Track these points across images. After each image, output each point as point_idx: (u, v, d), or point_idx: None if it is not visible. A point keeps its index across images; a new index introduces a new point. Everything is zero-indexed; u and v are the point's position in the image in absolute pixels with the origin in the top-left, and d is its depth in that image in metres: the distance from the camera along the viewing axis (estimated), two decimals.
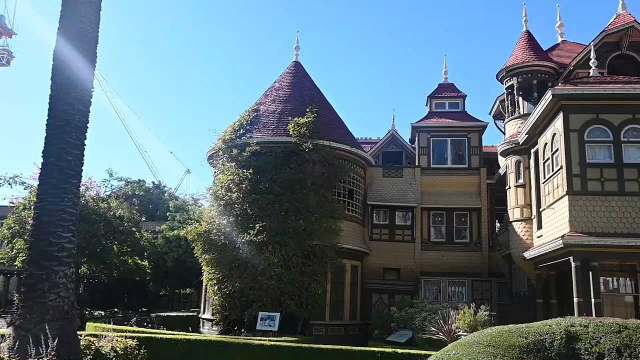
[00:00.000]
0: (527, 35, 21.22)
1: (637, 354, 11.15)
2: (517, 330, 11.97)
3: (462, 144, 26.17)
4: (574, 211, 14.49)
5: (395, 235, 25.30)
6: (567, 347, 11.52)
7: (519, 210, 19.49)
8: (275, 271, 19.73)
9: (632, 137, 14.79)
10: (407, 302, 20.84)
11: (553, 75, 20.19)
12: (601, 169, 14.70)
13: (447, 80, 28.88)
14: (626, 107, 14.85)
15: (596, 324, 11.91)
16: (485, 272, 24.48)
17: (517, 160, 19.85)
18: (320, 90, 26.47)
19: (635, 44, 19.36)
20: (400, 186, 25.57)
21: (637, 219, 14.26)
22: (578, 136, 14.98)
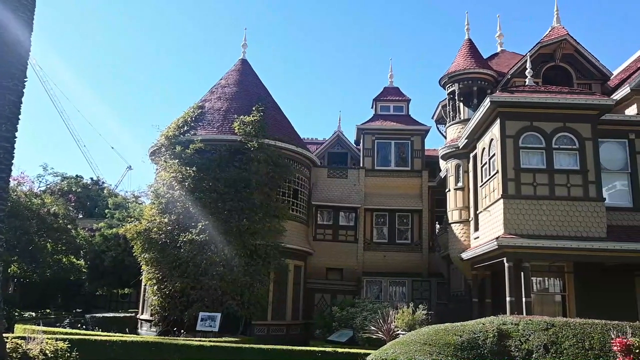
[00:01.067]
0: (468, 44, 21.93)
1: (563, 350, 11.77)
2: (453, 329, 12.37)
3: (406, 147, 26.77)
4: (508, 214, 15.11)
5: (339, 235, 25.57)
6: (499, 344, 12.01)
7: (458, 213, 20.13)
8: (218, 271, 19.48)
9: (563, 144, 15.57)
10: (349, 302, 21.09)
11: (492, 82, 20.98)
12: (534, 174, 15.40)
13: (392, 84, 29.45)
14: (558, 116, 15.62)
15: (526, 322, 12.50)
16: (425, 272, 25.14)
17: (457, 163, 20.49)
18: (267, 89, 26.37)
19: (568, 56, 20.42)
20: (345, 187, 25.86)
21: (566, 222, 15.02)
22: (513, 142, 15.62)
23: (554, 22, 21.27)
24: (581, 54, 20.31)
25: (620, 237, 14.86)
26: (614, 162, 16.28)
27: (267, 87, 26.47)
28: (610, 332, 11.85)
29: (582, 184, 15.23)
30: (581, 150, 15.43)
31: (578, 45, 20.14)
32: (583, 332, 12.05)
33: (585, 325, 12.25)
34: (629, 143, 16.25)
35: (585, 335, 11.97)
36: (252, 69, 26.71)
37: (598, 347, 11.71)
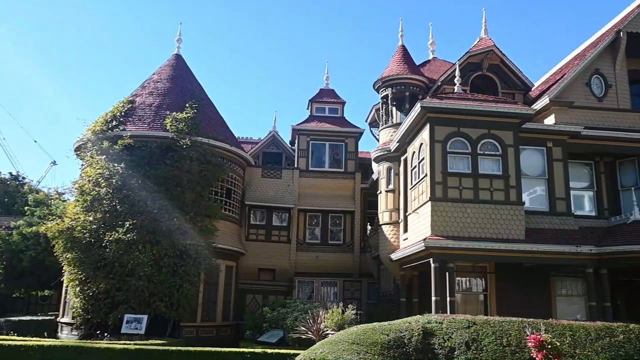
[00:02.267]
0: (402, 50, 22.53)
1: (483, 347, 12.31)
2: (380, 328, 12.65)
3: (340, 149, 27.11)
4: (435, 216, 15.64)
5: (272, 235, 25.49)
6: (423, 342, 12.40)
7: (388, 214, 20.61)
8: (145, 271, 18.88)
9: (487, 150, 16.32)
10: (280, 302, 21.07)
11: (424, 88, 21.65)
12: (460, 178, 16.03)
13: (328, 86, 29.73)
14: (483, 123, 16.36)
15: (449, 320, 12.98)
16: (357, 272, 25.55)
17: (389, 166, 20.98)
18: (201, 85, 25.87)
19: (494, 66, 21.41)
20: (279, 187, 25.82)
21: (488, 224, 15.75)
22: (442, 147, 16.20)
23: (482, 34, 22.24)
24: (506, 65, 21.36)
25: (537, 239, 15.75)
26: (533, 169, 17.24)
27: (201, 84, 25.97)
28: (526, 329, 12.54)
29: (504, 189, 16.03)
30: (504, 156, 16.24)
31: (503, 57, 21.18)
32: (501, 329, 12.67)
33: (504, 322, 12.90)
34: (547, 151, 17.26)
35: (503, 332, 12.60)
36: (186, 65, 26.11)
37: (515, 344, 12.35)
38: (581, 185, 18.29)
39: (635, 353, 12.63)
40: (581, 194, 18.33)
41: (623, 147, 17.77)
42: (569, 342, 12.53)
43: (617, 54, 18.69)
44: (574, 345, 12.51)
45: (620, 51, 18.65)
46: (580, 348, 12.50)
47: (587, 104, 18.35)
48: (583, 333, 12.81)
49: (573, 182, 17.66)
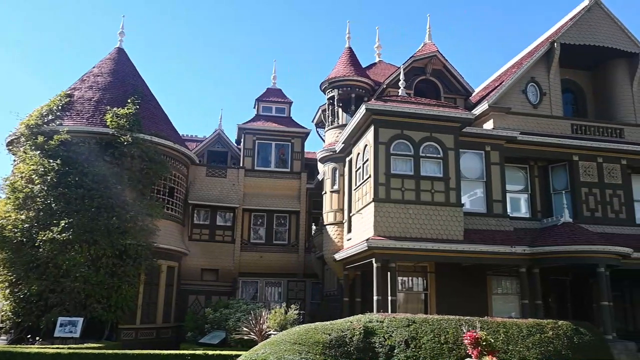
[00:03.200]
0: (349, 52, 22.75)
1: (421, 344, 12.63)
2: (322, 328, 12.73)
3: (286, 149, 27.09)
4: (378, 217, 15.88)
5: (216, 235, 25.16)
6: (364, 341, 12.58)
7: (333, 215, 20.76)
8: (81, 272, 18.16)
9: (429, 153, 16.73)
10: (223, 303, 20.81)
11: (369, 91, 21.95)
12: (403, 180, 16.35)
13: (275, 85, 29.65)
14: (426, 126, 16.76)
15: (390, 319, 13.24)
16: (301, 272, 25.62)
17: (334, 167, 21.14)
18: (144, 81, 25.16)
19: (437, 71, 21.99)
20: (224, 186, 25.51)
21: (429, 225, 16.14)
22: (385, 149, 16.47)
23: (426, 39, 22.81)
24: (448, 70, 21.98)
25: (474, 239, 16.28)
26: (472, 171, 17.82)
27: (144, 80, 25.25)
28: (462, 327, 12.98)
29: (445, 190, 16.47)
30: (444, 159, 16.69)
31: (446, 62, 21.78)
32: (439, 327, 13.06)
33: (442, 321, 13.29)
34: (485, 154, 17.89)
35: (441, 330, 12.98)
36: (129, 59, 25.32)
37: (452, 341, 12.76)
38: (517, 188, 19.07)
39: (563, 348, 13.34)
40: (517, 197, 19.12)
41: (555, 152, 18.67)
42: (503, 339, 13.08)
43: (551, 64, 19.62)
44: (507, 342, 13.07)
45: (554, 61, 19.58)
46: (513, 344, 13.06)
47: (523, 110, 19.15)
48: (516, 330, 13.40)
49: (509, 185, 18.39)
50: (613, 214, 18.72)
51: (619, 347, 14.66)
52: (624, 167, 19.11)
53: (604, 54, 20.26)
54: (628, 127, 19.76)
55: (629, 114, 20.07)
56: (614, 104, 20.43)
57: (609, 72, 20.72)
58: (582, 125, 19.47)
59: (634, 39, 20.15)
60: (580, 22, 20.00)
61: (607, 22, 20.17)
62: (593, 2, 20.31)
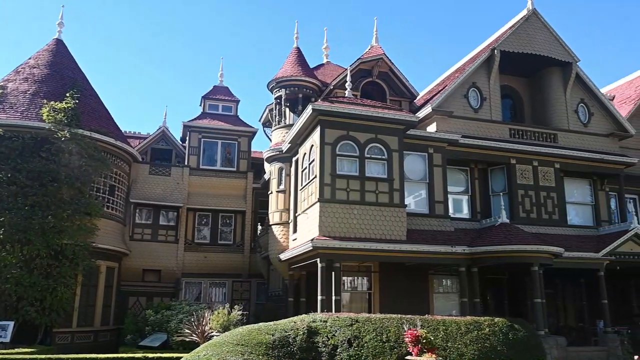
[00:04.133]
0: (297, 52, 22.74)
1: (364, 343, 12.78)
2: (266, 328, 12.66)
3: (232, 148, 26.79)
4: (323, 217, 15.95)
5: (159, 235, 24.56)
6: (308, 341, 12.60)
7: (279, 215, 20.69)
8: (13, 274, 17.33)
9: (374, 154, 16.97)
10: (165, 305, 20.34)
11: (317, 91, 22.02)
12: (348, 180, 16.49)
13: (222, 83, 29.24)
14: (371, 128, 16.98)
15: (333, 319, 13.32)
16: (246, 273, 25.40)
17: (280, 167, 21.08)
18: (84, 74, 24.22)
19: (384, 74, 22.35)
20: (168, 185, 24.94)
21: (373, 225, 16.36)
22: (331, 149, 16.57)
23: (373, 42, 23.14)
24: (394, 73, 22.40)
25: (417, 239, 16.65)
26: (416, 173, 18.22)
27: (85, 73, 24.30)
28: (404, 325, 13.23)
29: (389, 191, 16.75)
30: (389, 160, 16.97)
31: (392, 65, 22.18)
32: (382, 326, 13.27)
33: (384, 319, 13.51)
34: (428, 156, 18.33)
35: (383, 329, 13.19)
36: (68, 51, 24.27)
37: (394, 339, 12.98)
38: (458, 190, 19.65)
39: (499, 344, 13.86)
40: (458, 198, 19.70)
41: (494, 155, 19.36)
42: (442, 336, 13.44)
43: (492, 70, 20.34)
44: (446, 339, 13.44)
45: (494, 67, 20.31)
46: (452, 341, 13.45)
47: (465, 114, 19.75)
48: (455, 327, 13.81)
49: (451, 186, 18.94)
50: (547, 215, 19.60)
51: (550, 342, 15.38)
52: (557, 171, 20.06)
53: (540, 62, 21.18)
54: (561, 133, 20.75)
55: (563, 120, 21.08)
56: (549, 110, 21.41)
57: (545, 79, 21.69)
58: (519, 130, 20.28)
59: (568, 49, 21.18)
60: (519, 31, 20.83)
61: (543, 32, 21.10)
62: (531, 12, 21.20)
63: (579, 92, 21.66)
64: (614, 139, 21.55)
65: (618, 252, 18.24)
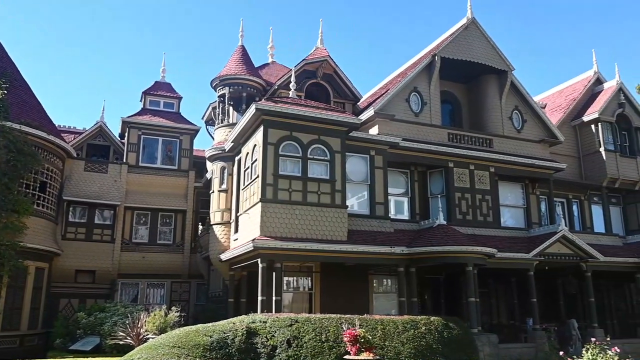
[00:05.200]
0: (241, 50, 22.51)
1: (303, 343, 12.78)
2: (204, 330, 12.45)
3: (174, 145, 26.18)
4: (265, 217, 15.85)
5: (94, 234, 23.60)
6: (247, 342, 12.48)
7: (220, 214, 20.40)
8: None
9: (317, 155, 17.03)
10: (99, 307, 19.59)
11: (261, 90, 21.88)
12: (290, 181, 16.47)
13: (164, 79, 28.54)
14: (314, 129, 17.03)
15: (273, 319, 13.26)
16: (186, 273, 24.87)
17: (223, 166, 20.79)
18: (15, 65, 22.96)
19: (328, 75, 22.50)
20: (104, 182, 24.03)
21: (315, 226, 16.41)
22: (274, 149, 16.49)
23: (318, 43, 23.23)
24: (339, 76, 22.60)
25: (357, 240, 16.84)
26: (357, 174, 18.43)
27: (16, 64, 23.03)
28: (343, 325, 13.34)
29: (331, 192, 16.85)
30: (331, 161, 17.08)
31: (337, 67, 22.37)
32: (321, 326, 13.32)
33: (323, 319, 13.57)
34: (370, 158, 18.59)
35: (323, 328, 13.25)
36: None
37: (332, 339, 13.07)
38: (398, 192, 20.05)
39: (434, 342, 14.22)
40: (398, 200, 20.10)
41: (433, 158, 19.89)
42: (380, 335, 13.66)
43: (432, 76, 20.89)
44: (384, 338, 13.66)
45: (434, 73, 20.86)
46: (389, 340, 13.69)
47: (406, 118, 20.17)
48: (392, 326, 14.06)
49: (391, 188, 19.30)
50: (482, 217, 20.33)
51: (482, 340, 15.95)
52: (492, 175, 20.85)
53: (478, 70, 21.96)
54: (497, 138, 21.58)
55: (498, 126, 21.93)
56: (485, 116, 22.22)
57: (482, 86, 22.51)
58: (457, 135, 20.93)
59: (504, 58, 22.07)
60: (459, 38, 21.51)
61: (481, 40, 21.88)
62: (470, 21, 21.94)
63: (513, 99, 22.60)
64: (545, 145, 22.63)
65: (547, 252, 19.15)
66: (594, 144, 24.76)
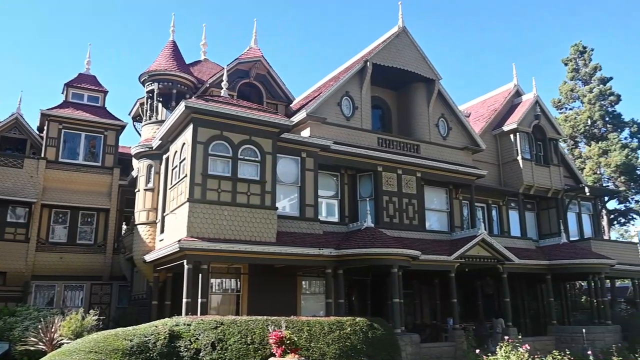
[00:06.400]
0: (172, 45, 21.91)
1: (228, 346, 12.60)
2: (124, 334, 11.99)
3: (98, 141, 25.09)
4: (192, 217, 15.51)
5: (5, 233, 22.22)
6: (169, 345, 12.14)
7: (146, 214, 19.74)
8: None
9: (247, 155, 16.87)
10: (9, 311, 18.34)
11: (192, 88, 21.39)
12: (219, 181, 16.21)
13: (89, 71, 27.29)
14: (245, 129, 16.87)
15: (198, 322, 12.99)
16: (108, 275, 23.89)
17: (149, 164, 20.14)
18: None
19: (261, 76, 22.37)
20: (19, 178, 22.66)
21: (243, 227, 16.23)
22: (204, 148, 16.18)
23: (252, 43, 23.06)
24: (272, 77, 22.53)
25: (286, 242, 16.85)
26: (288, 176, 18.46)
27: None
28: (269, 327, 13.27)
29: (260, 193, 16.75)
30: (262, 162, 16.99)
31: (270, 68, 22.29)
32: (247, 328, 13.19)
33: (250, 321, 13.45)
34: (301, 161, 18.67)
35: (248, 331, 13.13)
36: None
37: (258, 341, 12.97)
38: (328, 194, 20.26)
39: (359, 343, 14.46)
40: (328, 202, 20.31)
41: (363, 162, 20.26)
42: (306, 337, 13.71)
43: (364, 81, 21.29)
44: (310, 339, 13.72)
45: (366, 79, 21.27)
46: (315, 341, 13.77)
47: (337, 121, 20.42)
48: (318, 328, 14.15)
49: (322, 190, 19.48)
50: (408, 220, 20.94)
51: (405, 339, 16.42)
52: (419, 179, 21.53)
53: (408, 77, 22.60)
54: (424, 144, 22.31)
55: (425, 133, 22.68)
56: (414, 122, 22.92)
57: (411, 93, 23.19)
58: (386, 140, 21.44)
59: (432, 67, 22.86)
60: (390, 46, 22.05)
61: (411, 49, 22.55)
62: (401, 30, 22.56)
63: (440, 107, 23.45)
64: (468, 152, 23.65)
65: (467, 255, 20.00)
66: (512, 153, 26.16)
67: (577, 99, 42.23)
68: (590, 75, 41.79)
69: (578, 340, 20.73)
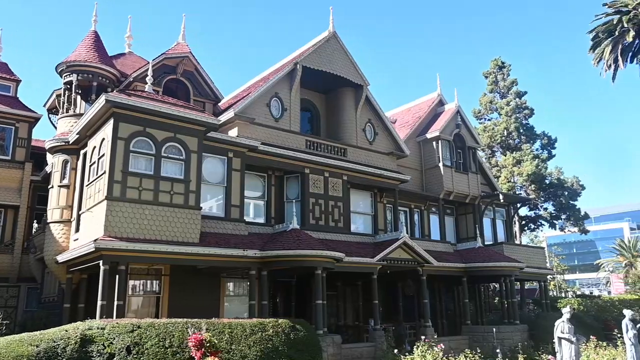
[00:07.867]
0: (94, 36, 20.90)
1: (145, 350, 12.17)
2: (29, 339, 11.30)
3: (8, 133, 23.43)
4: (110, 216, 14.83)
5: None
6: (80, 350, 11.56)
7: (60, 212, 18.66)
8: None
9: (171, 153, 16.38)
10: None
11: (114, 81, 20.50)
12: (141, 179, 15.60)
13: (0, 59, 25.42)
14: (170, 126, 16.37)
15: (113, 325, 12.45)
16: (15, 276, 22.33)
17: (65, 159, 19.06)
18: None
19: (189, 72, 21.84)
20: None
21: (166, 227, 15.72)
22: (125, 145, 15.53)
23: (180, 38, 22.46)
24: (200, 74, 22.07)
25: (210, 242, 16.51)
26: (214, 176, 18.15)
27: None
28: (189, 330, 12.96)
29: (184, 193, 16.31)
30: (187, 161, 16.56)
31: (198, 65, 21.83)
32: (166, 331, 12.81)
33: (169, 324, 13.07)
34: (228, 160, 18.40)
35: (167, 334, 12.74)
36: None
37: (177, 344, 12.63)
38: (255, 195, 20.10)
39: (281, 344, 14.43)
40: (254, 203, 20.15)
41: (290, 164, 20.28)
42: (227, 339, 13.51)
43: (293, 83, 21.33)
44: (231, 342, 13.53)
45: (296, 81, 21.32)
46: (236, 343, 13.60)
47: (266, 122, 20.32)
48: (240, 329, 13.99)
49: (248, 191, 19.30)
50: (333, 222, 21.18)
51: (327, 341, 16.58)
52: (345, 182, 21.84)
53: (337, 82, 22.90)
54: (350, 148, 22.67)
55: (352, 137, 23.06)
56: (341, 126, 23.24)
57: (340, 98, 23.51)
58: (314, 142, 21.59)
59: (361, 73, 23.30)
60: (320, 50, 22.25)
61: (341, 54, 22.87)
62: (332, 35, 22.83)
63: (367, 112, 23.94)
64: (393, 157, 24.30)
65: (389, 257, 20.52)
66: (434, 159, 27.18)
67: (495, 111, 44.56)
68: (508, 88, 44.23)
69: (489, 339, 21.81)
